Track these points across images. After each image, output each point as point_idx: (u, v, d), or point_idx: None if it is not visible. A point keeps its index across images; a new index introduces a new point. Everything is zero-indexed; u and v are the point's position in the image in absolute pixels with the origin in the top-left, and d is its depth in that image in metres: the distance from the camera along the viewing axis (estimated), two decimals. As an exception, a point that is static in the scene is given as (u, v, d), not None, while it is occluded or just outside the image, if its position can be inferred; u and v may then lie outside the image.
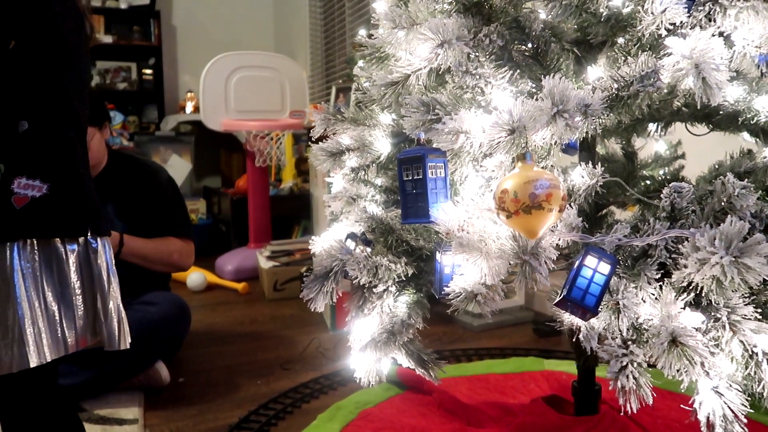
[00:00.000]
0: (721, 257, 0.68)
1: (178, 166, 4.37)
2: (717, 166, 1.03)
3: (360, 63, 1.27)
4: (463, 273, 0.88)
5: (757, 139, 1.14)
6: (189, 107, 4.99)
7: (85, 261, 1.03)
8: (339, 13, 4.51)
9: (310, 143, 4.21)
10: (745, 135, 1.17)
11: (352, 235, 1.12)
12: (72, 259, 1.01)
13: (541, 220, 0.75)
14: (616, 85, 0.90)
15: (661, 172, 1.55)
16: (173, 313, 1.91)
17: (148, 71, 5.26)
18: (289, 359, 2.07)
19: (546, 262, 0.82)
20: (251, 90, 3.45)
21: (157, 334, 1.81)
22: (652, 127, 1.31)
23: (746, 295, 0.78)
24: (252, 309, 2.77)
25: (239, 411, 1.67)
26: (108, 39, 4.94)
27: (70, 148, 1.05)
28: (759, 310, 0.78)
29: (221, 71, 3.40)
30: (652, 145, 1.56)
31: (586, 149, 1.24)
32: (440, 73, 1.04)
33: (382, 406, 1.64)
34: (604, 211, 1.34)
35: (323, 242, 1.26)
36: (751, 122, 0.98)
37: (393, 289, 1.05)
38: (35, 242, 0.99)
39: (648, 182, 1.47)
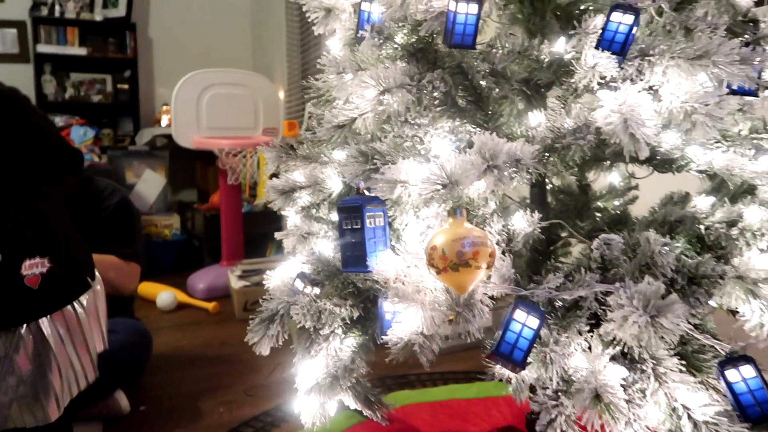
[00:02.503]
0: (639, 316, 0.70)
1: (152, 181, 4.34)
2: (655, 210, 1.05)
3: (311, 101, 1.28)
4: (401, 321, 0.89)
5: (705, 178, 1.17)
6: (164, 120, 4.96)
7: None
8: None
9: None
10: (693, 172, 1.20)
11: (301, 275, 1.13)
12: (81, 311, 1.10)
13: (468, 277, 0.76)
14: (551, 136, 0.92)
15: (616, 203, 1.58)
16: (133, 341, 1.89)
17: (124, 84, 5.23)
18: (254, 385, 2.07)
19: (480, 314, 0.83)
20: (224, 107, 3.44)
21: (116, 363, 1.80)
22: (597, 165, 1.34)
23: (671, 348, 0.80)
24: (221, 330, 2.76)
25: (200, 440, 1.67)
26: (83, 51, 4.90)
27: (51, 216, 1.14)
28: (684, 362, 0.80)
29: (193, 88, 3.39)
30: (606, 175, 1.59)
31: (537, 186, 1.26)
32: (384, 118, 1.06)
33: (342, 435, 1.65)
34: (559, 244, 1.36)
35: (276, 278, 1.26)
36: (686, 168, 1.00)
37: (339, 331, 1.05)
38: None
39: (600, 215, 1.50)
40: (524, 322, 0.78)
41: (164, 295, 3.04)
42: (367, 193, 0.97)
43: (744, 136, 0.99)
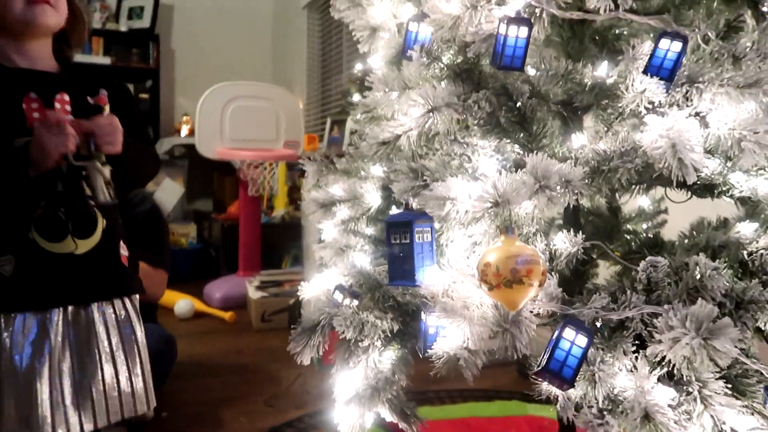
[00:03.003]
0: (692, 338, 0.71)
1: (171, 190, 4.38)
2: (694, 233, 1.06)
3: (353, 117, 1.30)
4: (446, 336, 0.90)
5: (737, 203, 1.18)
6: (184, 130, 5.03)
7: None
8: (336, 46, 4.59)
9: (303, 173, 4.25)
10: (727, 198, 1.22)
11: (340, 287, 1.15)
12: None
13: (521, 294, 0.78)
14: (597, 158, 0.94)
15: (644, 226, 1.59)
16: (159, 347, 1.91)
17: (145, 94, 5.31)
18: (275, 395, 2.08)
19: (526, 331, 0.85)
20: (247, 119, 3.49)
21: (143, 368, 1.81)
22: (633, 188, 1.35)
23: (717, 371, 0.81)
24: (239, 339, 2.77)
25: (222, 450, 1.68)
26: (106, 60, 4.98)
27: None
28: (729, 385, 0.81)
29: (218, 100, 3.44)
30: (636, 198, 1.60)
31: (570, 208, 1.28)
32: (430, 136, 1.08)
33: (365, 449, 1.65)
34: (588, 266, 1.37)
35: (312, 289, 1.28)
36: (727, 195, 1.02)
37: (378, 344, 1.07)
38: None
39: (631, 236, 1.51)
40: (573, 340, 0.79)
41: (182, 303, 3.07)
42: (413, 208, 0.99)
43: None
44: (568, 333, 0.79)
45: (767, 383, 0.79)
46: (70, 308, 1.08)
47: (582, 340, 0.79)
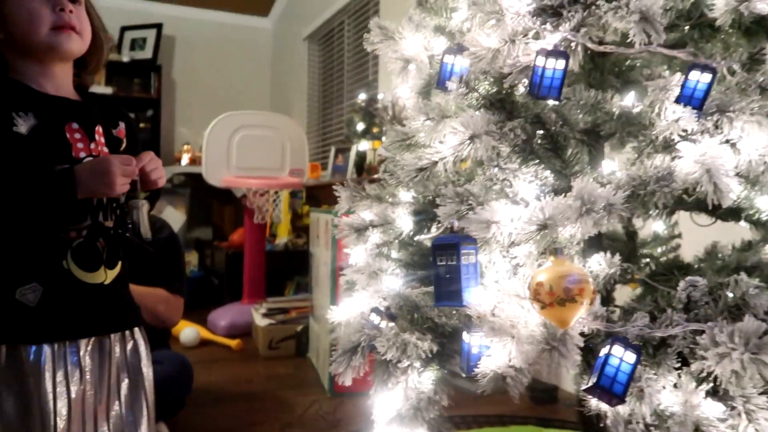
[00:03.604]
0: (741, 353, 0.74)
1: (173, 218, 4.39)
2: (720, 258, 1.10)
3: (384, 145, 1.34)
4: (492, 354, 0.93)
5: (754, 228, 1.23)
6: (185, 159, 5.06)
7: None
8: (338, 76, 4.67)
9: (306, 201, 4.27)
10: (742, 222, 1.26)
11: (376, 310, 1.17)
12: None
13: (573, 311, 0.81)
14: (633, 183, 0.98)
15: (659, 250, 1.64)
16: (178, 371, 1.91)
17: (146, 123, 5.35)
18: (289, 423, 2.07)
19: (573, 349, 0.88)
20: (253, 148, 3.53)
21: (161, 394, 1.80)
22: (654, 213, 1.40)
23: (759, 386, 0.84)
24: (247, 367, 2.76)
25: (242, 477, 1.67)
26: (108, 90, 5.02)
27: None
28: (771, 400, 0.84)
29: (225, 129, 3.48)
30: (650, 223, 1.65)
31: (594, 238, 1.32)
32: (470, 162, 1.12)
33: (386, 475, 1.65)
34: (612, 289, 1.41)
35: (342, 312, 1.30)
36: (753, 218, 1.06)
37: (417, 364, 1.09)
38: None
39: (648, 260, 1.55)
40: (622, 357, 0.82)
41: (188, 330, 3.06)
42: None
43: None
44: (617, 350, 0.82)
45: (808, 398, 0.82)
46: (92, 339, 1.06)
47: (630, 357, 0.82)
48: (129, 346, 1.09)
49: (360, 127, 3.61)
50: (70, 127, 1.05)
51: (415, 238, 1.31)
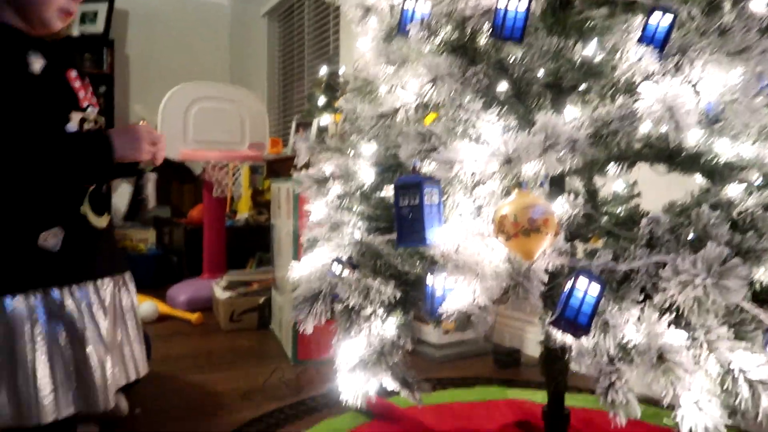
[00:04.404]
0: (703, 279, 0.75)
1: (125, 194, 4.26)
2: (680, 203, 1.12)
3: (345, 96, 1.31)
4: (456, 295, 0.92)
5: (710, 180, 1.25)
6: (140, 136, 4.91)
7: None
8: (298, 51, 4.59)
9: (267, 176, 4.20)
10: (698, 177, 1.28)
11: (338, 260, 1.15)
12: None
13: (538, 242, 0.80)
14: (596, 124, 0.98)
15: (620, 209, 1.66)
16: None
17: (98, 99, 5.16)
18: (250, 390, 2.04)
19: (537, 285, 0.87)
20: (210, 121, 3.44)
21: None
22: (613, 167, 1.41)
23: (720, 317, 0.85)
24: (208, 340, 2.71)
25: (203, 443, 1.63)
26: (58, 64, 4.81)
27: None
28: (732, 330, 0.85)
29: (181, 101, 3.38)
30: (610, 184, 1.67)
31: (556, 184, 1.32)
32: (428, 106, 1.10)
33: (350, 436, 1.64)
34: (571, 245, 1.42)
35: (303, 268, 1.27)
36: (711, 163, 1.08)
37: (380, 311, 1.07)
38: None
39: (609, 217, 1.57)
40: (586, 289, 0.82)
41: (146, 305, 2.98)
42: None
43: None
44: (582, 282, 0.82)
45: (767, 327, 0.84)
46: (107, 279, 1.10)
47: (595, 289, 0.82)
48: (126, 287, 1.13)
49: (321, 101, 3.56)
50: (70, 75, 1.11)
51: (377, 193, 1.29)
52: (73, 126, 1.06)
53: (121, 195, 4.41)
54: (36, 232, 0.98)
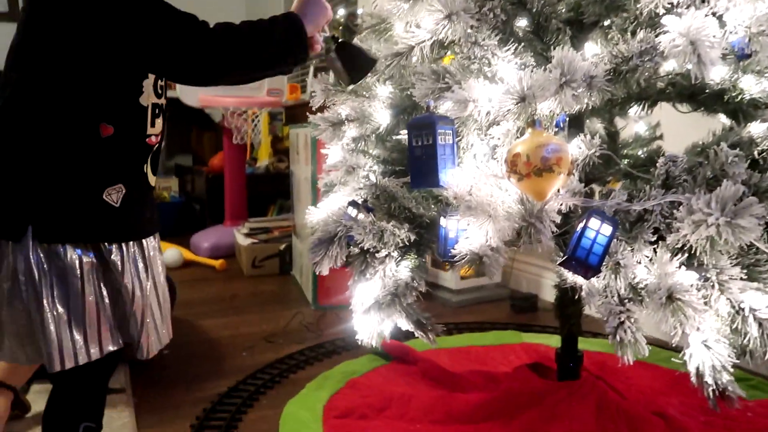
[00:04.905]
0: (717, 218, 0.74)
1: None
2: (703, 143, 1.09)
3: (360, 36, 1.29)
4: (469, 236, 0.92)
5: (733, 120, 1.21)
6: (160, 84, 4.90)
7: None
8: (316, -7, 4.48)
9: (286, 122, 4.19)
10: (722, 117, 1.24)
11: (353, 203, 1.15)
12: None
13: (550, 182, 0.79)
14: (615, 60, 0.95)
15: (640, 152, 1.62)
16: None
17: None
18: (273, 333, 2.10)
19: (549, 226, 0.87)
20: (229, 67, 3.40)
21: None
22: (635, 107, 1.37)
23: (733, 257, 0.84)
24: (231, 285, 2.77)
25: (226, 381, 1.69)
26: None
27: None
28: (745, 271, 0.84)
29: (198, 46, 3.35)
30: (632, 125, 1.63)
31: (575, 126, 1.29)
32: (445, 45, 1.08)
33: (368, 376, 1.69)
34: (587, 188, 1.40)
35: (320, 212, 1.28)
36: (735, 100, 1.04)
37: (395, 254, 1.08)
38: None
39: (630, 160, 1.54)
40: (598, 229, 0.82)
41: (170, 252, 3.04)
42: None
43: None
44: (594, 223, 0.82)
45: (781, 267, 0.83)
46: (152, 237, 1.07)
47: (607, 229, 0.81)
48: (158, 244, 1.13)
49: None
50: None
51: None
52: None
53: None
54: (102, 187, 0.98)
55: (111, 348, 0.98)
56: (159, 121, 1.03)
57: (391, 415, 1.42)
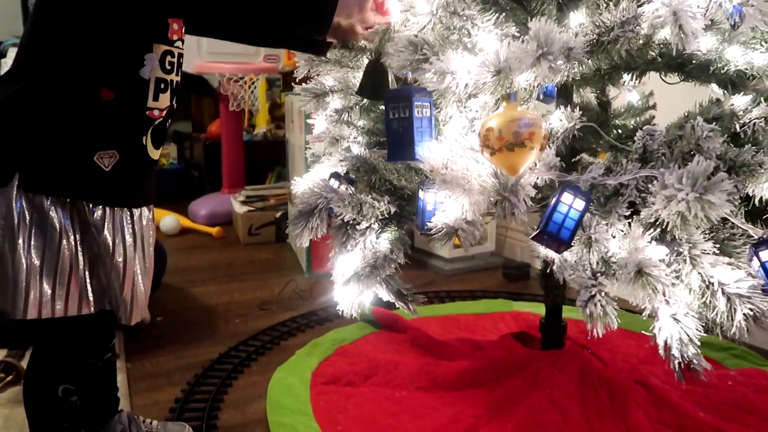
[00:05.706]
0: (687, 194, 0.73)
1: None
2: (686, 114, 1.08)
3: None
4: (445, 210, 0.92)
5: (725, 90, 1.19)
6: (158, 49, 4.85)
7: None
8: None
9: (283, 89, 4.15)
10: (714, 86, 1.23)
11: (335, 175, 1.15)
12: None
13: (523, 157, 0.79)
14: (597, 31, 0.93)
15: (633, 122, 1.60)
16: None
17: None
18: (266, 300, 2.12)
19: (524, 200, 0.87)
20: (225, 32, 3.36)
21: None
22: (626, 77, 1.35)
23: (706, 232, 0.84)
24: (227, 253, 2.80)
25: (219, 347, 1.72)
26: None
27: None
28: (717, 246, 0.84)
29: (194, 11, 3.30)
30: (625, 95, 1.61)
31: (563, 96, 1.28)
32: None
33: (357, 343, 1.71)
34: (577, 157, 1.39)
35: (305, 182, 1.29)
36: (722, 72, 1.03)
37: (375, 226, 1.09)
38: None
39: (620, 131, 1.52)
40: (570, 204, 0.82)
41: (167, 219, 3.06)
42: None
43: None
44: (566, 197, 0.81)
45: (756, 241, 0.82)
46: (143, 208, 1.08)
47: (579, 204, 0.81)
48: (152, 217, 1.13)
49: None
50: None
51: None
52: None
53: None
54: (94, 149, 0.99)
55: (78, 310, 0.99)
56: (164, 96, 1.03)
57: (377, 382, 1.45)
